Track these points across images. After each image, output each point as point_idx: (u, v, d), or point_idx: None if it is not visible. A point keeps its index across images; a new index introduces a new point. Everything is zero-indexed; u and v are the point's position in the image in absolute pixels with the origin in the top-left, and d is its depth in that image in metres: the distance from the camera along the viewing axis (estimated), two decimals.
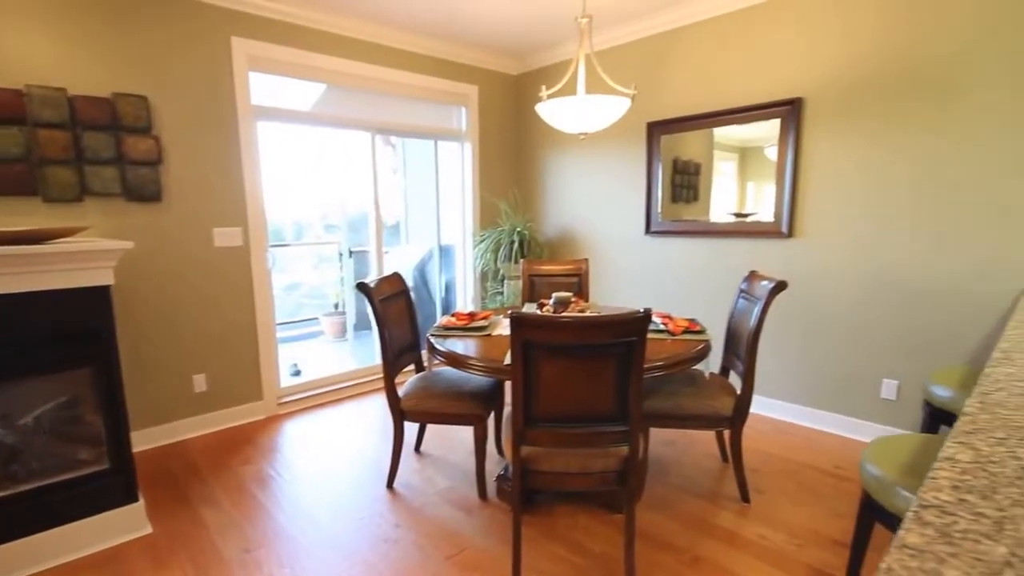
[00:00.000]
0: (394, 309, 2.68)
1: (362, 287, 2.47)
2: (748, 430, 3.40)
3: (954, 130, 2.82)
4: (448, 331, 2.61)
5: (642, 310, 1.73)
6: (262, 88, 3.58)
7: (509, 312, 2.01)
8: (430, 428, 3.40)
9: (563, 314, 2.23)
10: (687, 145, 3.90)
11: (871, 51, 3.05)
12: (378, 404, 3.95)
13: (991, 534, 0.56)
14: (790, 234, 3.45)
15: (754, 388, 3.60)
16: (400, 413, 2.56)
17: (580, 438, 1.88)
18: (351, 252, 5.89)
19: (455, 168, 4.79)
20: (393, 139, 5.81)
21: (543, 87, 2.65)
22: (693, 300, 3.98)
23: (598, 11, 3.68)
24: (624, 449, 1.96)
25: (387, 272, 2.99)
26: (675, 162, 3.97)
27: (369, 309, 2.57)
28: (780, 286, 2.40)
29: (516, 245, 4.46)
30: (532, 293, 3.59)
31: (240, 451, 3.20)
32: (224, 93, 3.38)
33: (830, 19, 3.17)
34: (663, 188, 4.05)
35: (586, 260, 3.63)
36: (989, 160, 2.74)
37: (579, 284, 3.63)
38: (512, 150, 5.07)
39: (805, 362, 3.49)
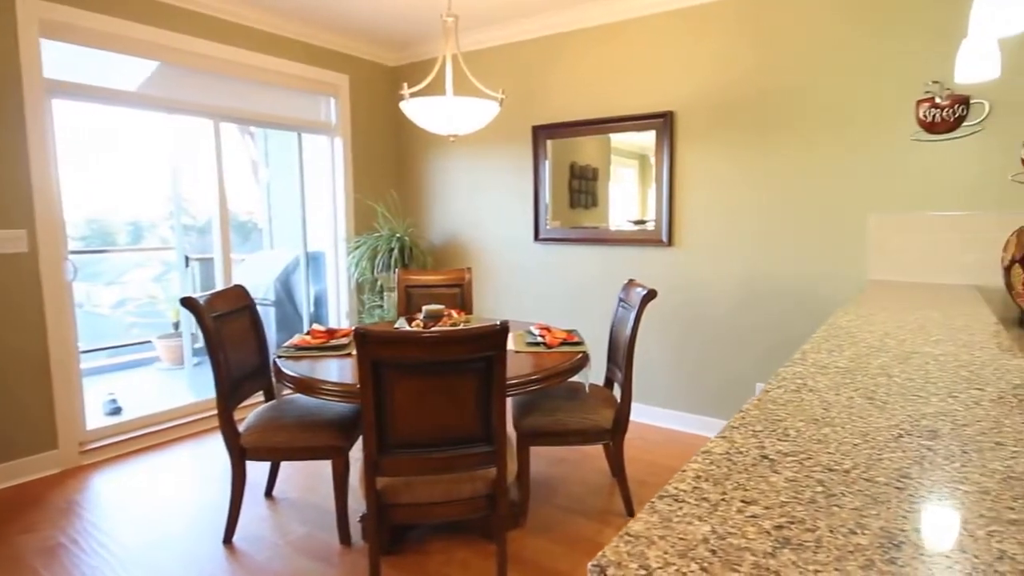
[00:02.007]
0: (234, 328, 2.57)
1: (188, 303, 2.31)
2: (637, 440, 3.60)
3: (803, 152, 3.28)
4: (301, 351, 2.54)
5: (499, 323, 1.80)
6: (77, 62, 3.28)
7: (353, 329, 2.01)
8: (287, 467, 3.25)
9: (423, 329, 2.26)
10: (584, 150, 4.08)
11: (737, 76, 3.45)
12: (222, 443, 3.72)
13: (704, 516, 0.65)
14: (669, 243, 3.73)
15: (633, 397, 3.89)
16: (239, 451, 2.43)
17: (442, 463, 1.91)
18: (187, 260, 5.19)
19: (324, 165, 4.69)
20: (253, 129, 5.58)
21: (404, 84, 2.68)
22: (585, 309, 4.16)
23: (475, 10, 3.78)
24: (492, 471, 2.02)
25: (242, 282, 2.86)
26: (572, 167, 4.15)
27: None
28: (650, 294, 2.58)
29: (396, 253, 4.44)
30: (409, 306, 3.58)
31: (20, 517, 2.75)
32: (4, 63, 2.98)
33: (702, 42, 3.55)
34: (555, 193, 4.21)
35: (468, 269, 3.69)
36: (827, 180, 3.21)
37: (461, 295, 3.68)
38: (391, 148, 5.05)
39: (690, 369, 3.77)
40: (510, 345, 2.67)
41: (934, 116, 2.96)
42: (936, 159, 2.97)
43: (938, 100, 2.94)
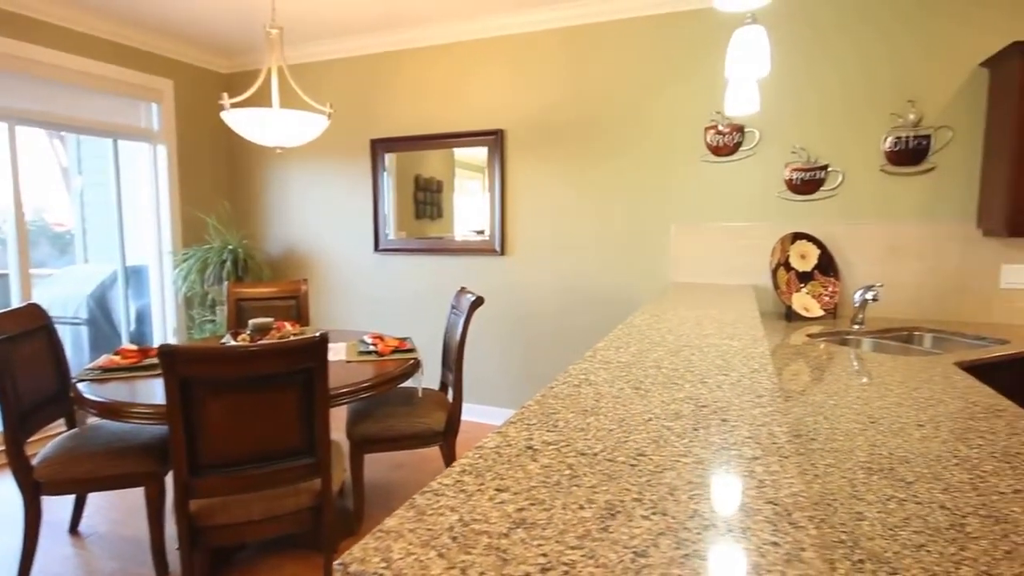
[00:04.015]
0: (26, 351, 2.23)
1: None
2: (472, 440, 3.66)
3: (615, 169, 3.58)
4: (108, 373, 2.27)
5: (318, 334, 1.74)
6: None
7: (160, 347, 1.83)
8: (96, 499, 2.88)
9: (248, 343, 2.13)
10: (429, 163, 4.08)
11: (557, 100, 3.68)
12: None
13: (456, 506, 0.68)
14: (502, 252, 3.86)
15: (470, 399, 3.98)
16: (32, 487, 2.11)
17: (262, 479, 1.81)
18: None
19: (146, 174, 4.24)
20: (64, 133, 4.91)
21: (224, 95, 2.51)
22: (426, 317, 4.16)
23: (304, 23, 3.64)
24: (317, 483, 1.94)
25: (49, 300, 2.48)
26: (417, 179, 4.12)
27: None
28: (478, 301, 2.65)
29: (229, 265, 4.13)
30: (240, 320, 3.35)
31: None
32: None
33: (527, 67, 3.73)
34: (401, 205, 4.16)
35: (305, 280, 3.53)
36: (636, 194, 3.51)
37: (297, 307, 3.51)
38: (224, 157, 4.70)
39: (520, 369, 3.92)
40: (341, 355, 2.60)
41: (718, 141, 3.36)
42: (722, 177, 3.37)
43: (720, 128, 3.35)
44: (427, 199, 4.14)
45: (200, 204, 4.49)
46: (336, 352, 2.69)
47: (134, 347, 2.50)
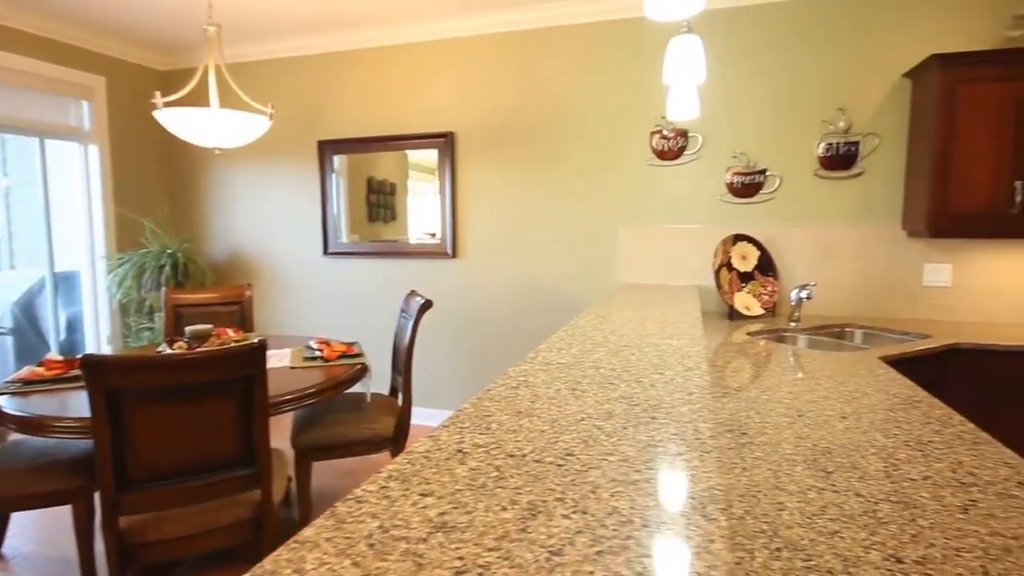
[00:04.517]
0: None
1: None
2: None
3: (564, 172, 3.62)
4: (30, 386, 2.16)
5: (256, 340, 1.70)
6: None
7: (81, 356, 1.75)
8: (21, 518, 2.73)
9: (185, 351, 2.06)
10: (382, 165, 4.02)
11: (505, 103, 3.70)
12: None
13: (378, 513, 0.68)
14: (454, 255, 3.85)
15: (422, 402, 3.95)
16: None
17: (198, 492, 1.75)
18: None
19: (77, 175, 4.05)
20: None
21: (157, 93, 2.43)
22: (377, 322, 4.10)
23: (244, 21, 3.55)
24: (257, 494, 1.89)
25: None
26: (370, 181, 4.06)
27: None
28: (426, 304, 2.63)
29: (168, 270, 3.98)
30: (179, 327, 3.23)
31: None
32: None
33: (475, 70, 3.73)
34: (353, 207, 4.09)
35: (249, 285, 3.44)
36: (585, 196, 3.57)
37: (241, 313, 3.41)
38: (162, 158, 4.53)
39: (472, 371, 3.91)
40: (286, 361, 2.54)
41: (663, 146, 3.44)
42: (667, 181, 3.45)
43: (665, 132, 3.43)
44: (380, 201, 4.09)
45: (136, 206, 4.31)
46: (280, 358, 2.63)
47: (59, 357, 2.38)
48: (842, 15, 3.06)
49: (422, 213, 3.96)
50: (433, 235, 3.92)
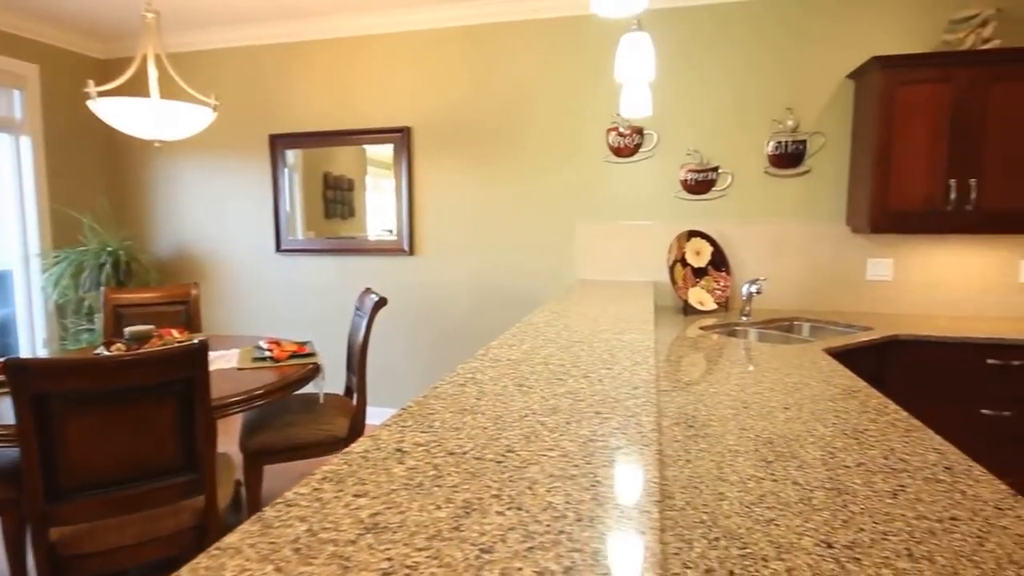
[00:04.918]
0: None
1: None
2: None
3: (522, 168, 3.63)
4: None
5: (197, 341, 1.65)
6: None
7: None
8: None
9: (123, 353, 1.98)
10: (339, 160, 3.94)
11: (462, 98, 3.68)
12: None
13: (308, 516, 0.66)
14: (411, 251, 3.81)
15: (379, 401, 3.91)
16: None
17: (136, 500, 1.68)
18: None
19: (7, 169, 3.85)
20: None
21: (91, 82, 2.32)
22: (333, 320, 4.03)
23: (191, 8, 3.43)
24: (200, 500, 1.83)
25: None
26: (326, 177, 3.97)
27: None
28: (381, 302, 2.60)
29: (108, 268, 3.82)
30: (119, 328, 3.11)
31: None
32: None
33: (431, 64, 3.70)
34: (308, 203, 4.00)
35: (196, 284, 3.33)
36: (543, 193, 3.59)
37: (187, 313, 3.30)
38: (102, 151, 4.34)
39: (431, 369, 3.89)
40: (233, 362, 2.47)
41: (619, 143, 3.48)
42: (624, 178, 3.49)
43: (621, 130, 3.46)
44: (337, 198, 4.02)
45: (74, 202, 4.13)
46: (228, 359, 2.56)
47: None
48: (789, 16, 3.15)
49: (381, 209, 3.90)
50: (391, 232, 3.87)
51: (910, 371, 2.59)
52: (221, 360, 2.52)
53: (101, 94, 2.24)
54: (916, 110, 2.75)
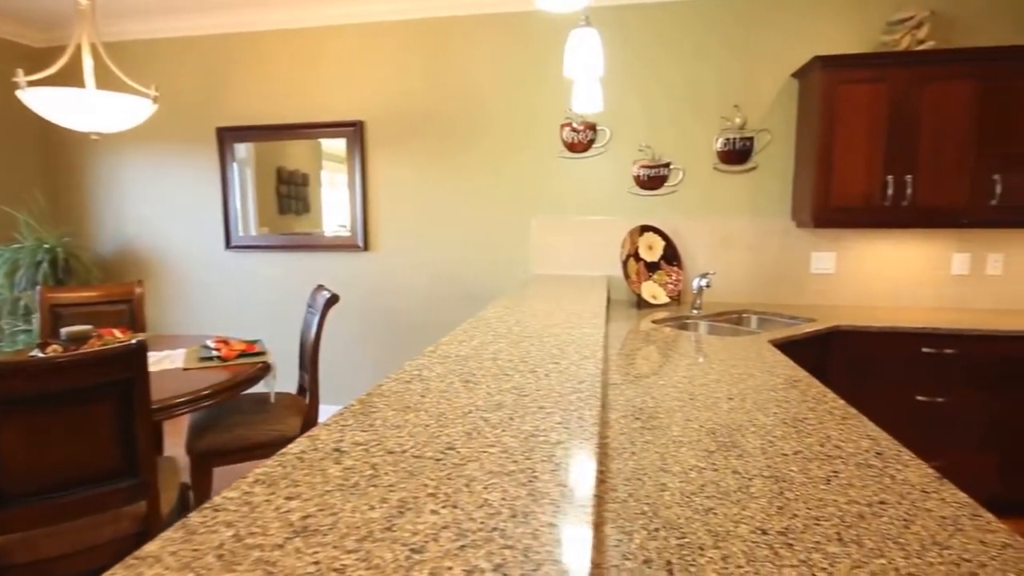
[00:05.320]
0: None
1: None
2: None
3: (477, 163, 3.61)
4: None
5: (135, 341, 1.58)
6: None
7: None
8: None
9: (61, 354, 1.89)
10: (293, 154, 3.83)
11: (416, 92, 3.64)
12: None
13: (235, 520, 0.64)
14: (365, 247, 3.75)
15: (333, 400, 3.84)
16: None
17: (72, 508, 1.61)
18: None
19: None
20: None
21: (20, 71, 2.20)
22: (285, 319, 3.94)
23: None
24: (142, 506, 1.77)
25: None
26: (280, 171, 3.86)
27: None
28: (333, 299, 2.55)
29: (46, 266, 3.64)
30: (57, 329, 2.97)
31: None
32: None
33: (388, 57, 3.64)
34: (261, 199, 3.88)
35: (140, 282, 3.20)
36: (498, 188, 3.58)
37: (131, 312, 3.18)
38: (38, 144, 4.13)
39: (388, 367, 3.84)
40: (178, 362, 2.39)
41: (573, 138, 3.49)
42: (578, 173, 3.51)
43: (575, 125, 3.48)
44: (292, 193, 3.92)
45: (7, 197, 3.92)
46: (173, 359, 2.47)
47: None
48: (736, 14, 3.21)
49: (337, 205, 3.82)
50: (345, 227, 3.81)
51: (851, 360, 2.69)
52: (166, 360, 2.44)
53: (31, 84, 2.12)
54: (856, 109, 2.85)
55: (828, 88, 2.85)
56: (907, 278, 3.19)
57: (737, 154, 3.28)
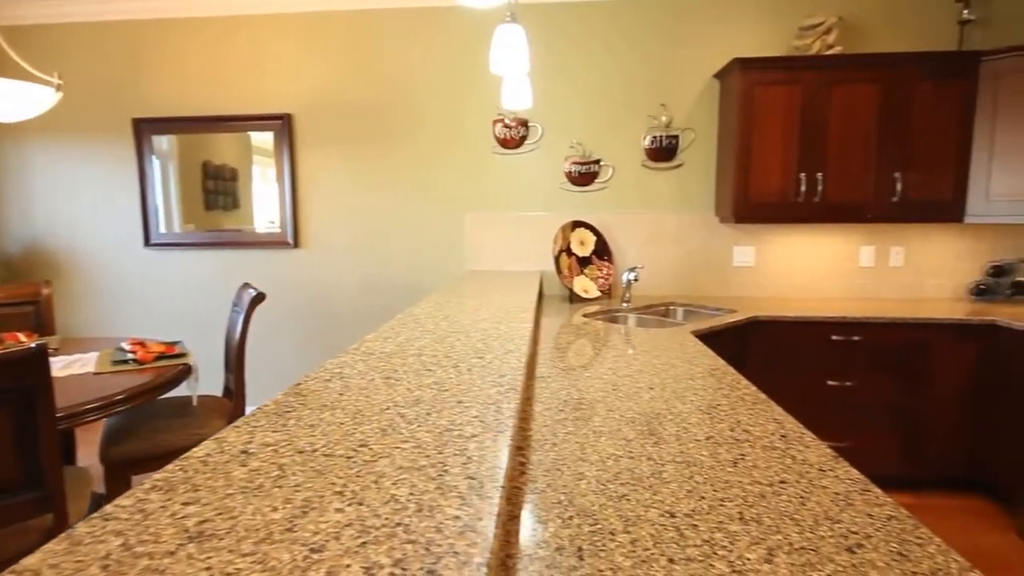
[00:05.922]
0: None
1: None
2: None
3: (410, 158, 3.58)
4: None
5: (34, 345, 1.48)
6: None
7: None
8: None
9: None
10: (220, 148, 3.65)
11: (347, 86, 3.55)
12: None
13: (125, 529, 0.61)
14: (296, 244, 3.65)
15: (261, 401, 3.72)
16: None
17: None
18: None
19: None
20: None
21: None
22: (211, 319, 3.77)
23: None
24: (48, 519, 1.66)
25: None
26: (206, 166, 3.68)
27: None
28: (259, 297, 2.47)
29: None
30: None
31: None
32: None
33: (317, 49, 3.55)
34: (186, 194, 3.69)
35: (47, 282, 3.00)
36: (431, 183, 3.56)
37: (37, 315, 2.97)
38: None
39: (316, 366, 3.75)
40: (90, 367, 2.25)
41: (505, 134, 3.50)
42: (511, 169, 3.52)
43: (507, 121, 3.49)
44: (219, 188, 3.75)
45: None
46: (83, 363, 2.33)
47: None
48: (660, 14, 3.30)
49: (269, 201, 3.69)
50: (275, 223, 3.68)
51: (768, 349, 2.83)
52: (76, 365, 2.29)
53: None
54: (772, 109, 2.99)
55: (746, 89, 2.97)
56: (820, 270, 3.38)
57: (664, 152, 3.38)
